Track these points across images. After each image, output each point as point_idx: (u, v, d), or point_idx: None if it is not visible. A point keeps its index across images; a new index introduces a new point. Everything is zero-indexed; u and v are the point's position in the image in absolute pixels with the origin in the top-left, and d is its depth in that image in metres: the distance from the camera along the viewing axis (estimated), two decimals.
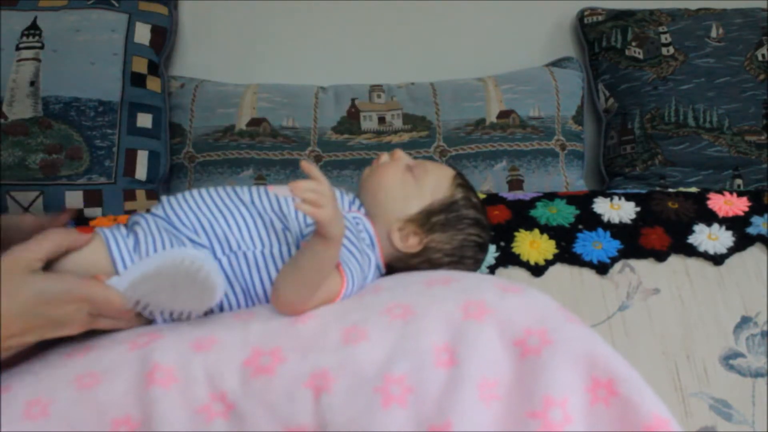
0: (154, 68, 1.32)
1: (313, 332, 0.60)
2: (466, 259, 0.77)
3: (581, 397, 0.54)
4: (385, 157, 0.79)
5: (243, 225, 0.71)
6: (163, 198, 0.74)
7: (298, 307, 0.63)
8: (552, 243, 0.97)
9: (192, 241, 0.70)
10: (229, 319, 0.65)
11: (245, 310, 0.68)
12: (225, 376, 0.57)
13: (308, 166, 0.63)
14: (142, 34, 1.32)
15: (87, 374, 0.58)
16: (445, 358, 0.57)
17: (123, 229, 0.70)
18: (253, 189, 0.75)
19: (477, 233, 0.78)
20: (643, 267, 0.95)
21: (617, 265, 0.95)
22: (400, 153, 0.79)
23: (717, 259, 0.95)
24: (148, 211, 0.75)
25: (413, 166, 0.78)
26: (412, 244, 0.75)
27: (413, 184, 0.76)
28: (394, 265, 0.76)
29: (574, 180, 1.33)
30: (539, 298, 0.64)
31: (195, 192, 0.74)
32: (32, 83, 1.23)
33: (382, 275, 0.75)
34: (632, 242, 0.97)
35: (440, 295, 0.63)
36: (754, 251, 0.96)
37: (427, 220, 0.75)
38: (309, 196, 0.59)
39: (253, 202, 0.73)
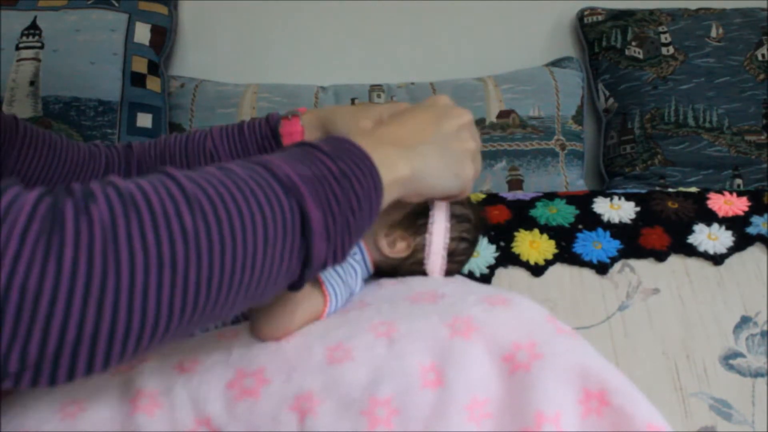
0: (154, 68, 1.32)
1: (296, 351, 0.59)
2: (456, 257, 0.77)
3: (573, 410, 0.54)
4: None
5: None
6: None
7: (280, 333, 0.62)
8: (552, 243, 0.97)
9: None
10: (212, 340, 0.63)
11: (229, 329, 0.66)
12: (209, 399, 0.56)
13: None
14: (142, 33, 1.32)
15: (71, 402, 0.57)
16: (431, 378, 0.56)
17: None
18: None
19: (465, 230, 0.76)
20: (643, 267, 0.95)
21: (617, 265, 0.95)
22: None
23: (717, 259, 0.95)
24: None
25: None
26: (400, 249, 0.73)
27: None
28: (386, 269, 0.75)
29: (574, 180, 1.33)
30: (527, 310, 0.63)
31: None
32: (32, 83, 1.23)
33: (370, 275, 0.75)
34: (632, 242, 0.97)
35: (426, 312, 0.62)
36: (754, 251, 0.96)
37: (413, 222, 0.73)
38: None
39: None
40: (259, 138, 0.80)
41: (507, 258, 0.96)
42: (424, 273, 0.74)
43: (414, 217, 0.73)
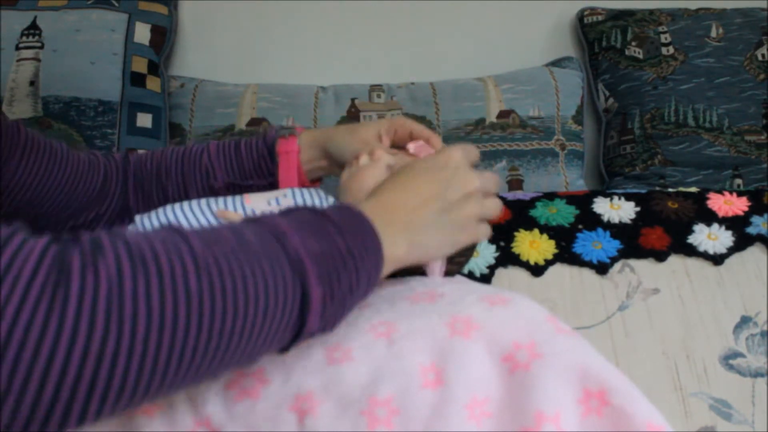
0: (154, 68, 1.32)
1: (295, 351, 0.59)
2: (457, 257, 0.76)
3: (573, 410, 0.54)
4: (364, 158, 0.75)
5: None
6: (137, 219, 0.71)
7: None
8: (552, 243, 0.97)
9: None
10: None
11: None
12: (208, 399, 0.56)
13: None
14: (142, 33, 1.32)
15: None
16: (431, 378, 0.55)
17: None
18: (229, 203, 0.72)
19: None
20: (643, 267, 0.95)
21: (617, 265, 0.95)
22: (380, 153, 0.75)
23: (717, 259, 0.95)
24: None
25: (394, 167, 0.73)
26: None
27: None
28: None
29: (574, 180, 1.33)
30: (527, 309, 0.63)
31: (169, 210, 0.71)
32: (32, 83, 1.23)
33: None
34: (632, 242, 0.97)
35: (426, 311, 0.62)
36: (754, 251, 0.96)
37: None
38: None
39: None
40: (255, 157, 0.81)
41: (507, 258, 0.96)
42: (422, 273, 0.74)
43: None
